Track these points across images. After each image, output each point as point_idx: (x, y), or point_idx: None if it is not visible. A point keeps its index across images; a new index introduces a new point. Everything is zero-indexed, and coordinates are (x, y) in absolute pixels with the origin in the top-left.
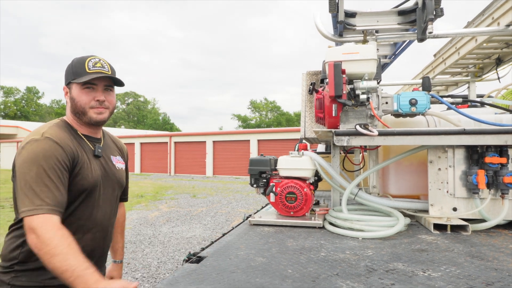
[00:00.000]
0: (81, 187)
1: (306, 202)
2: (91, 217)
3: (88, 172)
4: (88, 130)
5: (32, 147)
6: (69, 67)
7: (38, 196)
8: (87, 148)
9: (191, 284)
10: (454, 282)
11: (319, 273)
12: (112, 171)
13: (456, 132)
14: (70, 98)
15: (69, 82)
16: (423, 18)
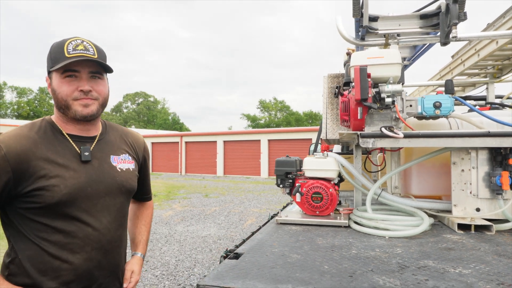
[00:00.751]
0: (52, 199)
1: (331, 202)
2: (80, 232)
3: (60, 182)
4: (75, 128)
5: None
6: (48, 53)
7: None
8: (70, 152)
9: (237, 279)
10: (485, 279)
11: (354, 269)
12: (110, 174)
13: (480, 134)
14: (51, 90)
15: (49, 71)
16: (446, 23)
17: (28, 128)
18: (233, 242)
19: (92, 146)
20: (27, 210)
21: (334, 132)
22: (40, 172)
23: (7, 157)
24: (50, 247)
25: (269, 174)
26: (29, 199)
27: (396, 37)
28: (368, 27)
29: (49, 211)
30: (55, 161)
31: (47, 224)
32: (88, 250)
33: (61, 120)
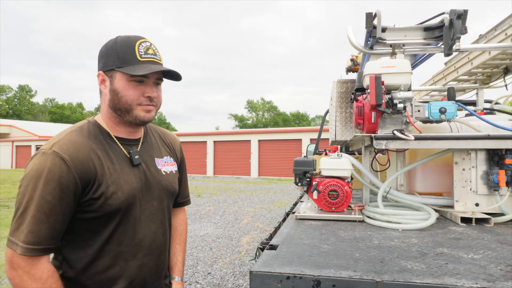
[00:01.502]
0: (109, 209)
1: (346, 199)
2: (133, 240)
3: (117, 189)
4: (125, 131)
5: (36, 162)
6: (110, 48)
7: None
8: (120, 156)
9: (283, 265)
10: (495, 262)
11: (382, 256)
12: (156, 178)
13: (481, 137)
14: (111, 90)
15: (111, 69)
16: (450, 36)
17: (79, 134)
18: (232, 241)
19: (138, 149)
20: (82, 221)
21: (343, 134)
22: (99, 180)
23: (72, 169)
24: (104, 257)
25: (259, 174)
26: (88, 208)
27: (402, 47)
28: (380, 38)
29: (105, 219)
30: (111, 167)
31: (101, 233)
32: (140, 257)
33: (112, 121)
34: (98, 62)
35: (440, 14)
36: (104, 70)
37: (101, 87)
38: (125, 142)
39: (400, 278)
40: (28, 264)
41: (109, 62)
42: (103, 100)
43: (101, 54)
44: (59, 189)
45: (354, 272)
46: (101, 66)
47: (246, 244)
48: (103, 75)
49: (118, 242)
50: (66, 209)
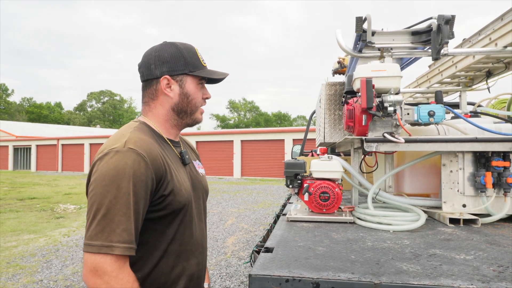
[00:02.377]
0: (177, 206)
1: (337, 201)
2: (192, 238)
3: (181, 187)
4: (175, 133)
5: (113, 160)
6: (176, 54)
7: (114, 229)
8: (174, 157)
9: (281, 268)
10: (487, 263)
11: (378, 258)
12: (198, 179)
13: (469, 140)
14: (181, 94)
15: (181, 73)
16: (438, 41)
17: (142, 133)
18: (217, 242)
19: (182, 150)
20: (150, 221)
21: (332, 136)
22: (168, 176)
23: (149, 166)
24: (168, 258)
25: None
26: (157, 206)
27: (390, 51)
28: (369, 42)
29: (170, 218)
30: (172, 165)
31: (166, 232)
32: (197, 254)
33: (169, 124)
34: (156, 67)
35: (427, 19)
36: (172, 75)
37: (166, 91)
38: (174, 144)
39: (398, 280)
40: (116, 268)
41: (178, 67)
42: (160, 104)
43: (162, 60)
44: (141, 186)
45: (352, 275)
46: (165, 71)
47: (231, 245)
48: (170, 79)
49: (180, 241)
50: (145, 207)
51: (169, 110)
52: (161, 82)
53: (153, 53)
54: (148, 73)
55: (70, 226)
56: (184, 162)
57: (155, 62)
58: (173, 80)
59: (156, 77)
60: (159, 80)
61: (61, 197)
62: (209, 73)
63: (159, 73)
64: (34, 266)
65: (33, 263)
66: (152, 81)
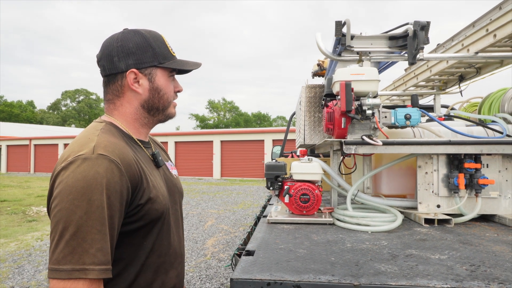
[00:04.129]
0: (155, 214)
1: (317, 202)
2: (170, 248)
3: (158, 193)
4: (144, 133)
5: (80, 170)
6: (142, 44)
7: (86, 250)
8: (147, 159)
9: (263, 272)
10: (460, 262)
11: (357, 259)
12: (173, 181)
13: (443, 143)
14: (152, 89)
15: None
16: (414, 46)
17: (111, 135)
18: (197, 244)
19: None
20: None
21: (311, 138)
22: (144, 183)
23: (124, 173)
24: (146, 272)
25: (221, 175)
26: (133, 217)
27: (368, 55)
28: (349, 46)
29: (148, 229)
30: (147, 170)
31: (143, 245)
32: (176, 265)
33: (138, 123)
34: (120, 59)
35: (404, 24)
36: (139, 68)
37: (133, 87)
38: (144, 144)
39: (376, 281)
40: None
41: (146, 58)
42: (127, 101)
43: (127, 51)
44: (115, 197)
45: (333, 277)
46: (131, 63)
47: (211, 246)
48: (137, 73)
49: (159, 253)
50: (119, 221)
51: (138, 108)
52: (127, 77)
53: (115, 43)
54: (111, 67)
55: (43, 230)
56: (157, 165)
57: (119, 53)
58: (141, 74)
59: (121, 71)
60: (124, 74)
61: (33, 199)
62: (181, 64)
63: (124, 66)
64: (4, 272)
65: (4, 268)
66: (116, 75)
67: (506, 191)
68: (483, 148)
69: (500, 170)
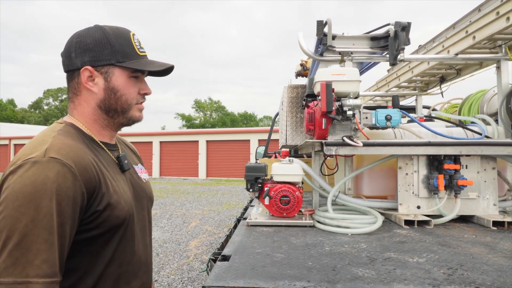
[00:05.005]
0: (115, 222)
1: (297, 204)
2: (134, 257)
3: (120, 199)
4: (109, 135)
5: (29, 174)
6: (101, 40)
7: (30, 261)
8: (110, 163)
9: (237, 278)
10: (438, 265)
11: (334, 264)
12: (141, 186)
13: (423, 144)
14: (107, 88)
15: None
16: (395, 47)
17: (68, 137)
18: (180, 245)
19: (120, 153)
20: (81, 243)
21: (293, 138)
22: (103, 187)
23: (78, 177)
24: (105, 283)
25: (207, 175)
26: (90, 224)
27: (350, 55)
28: (330, 46)
29: (107, 237)
30: (108, 174)
31: (101, 254)
32: (141, 275)
33: (98, 124)
34: (77, 56)
35: (385, 25)
36: (95, 65)
37: (87, 85)
38: (109, 147)
39: (352, 287)
40: None
41: (103, 56)
42: (84, 100)
43: (84, 47)
44: (67, 204)
45: (308, 283)
46: (87, 60)
47: (194, 248)
48: (92, 70)
49: (120, 262)
50: (73, 228)
51: (95, 108)
52: (82, 74)
53: (75, 38)
54: (69, 63)
55: None
56: (122, 168)
57: (76, 49)
58: (97, 72)
59: (77, 67)
60: (80, 71)
61: None
62: (142, 64)
63: (79, 63)
64: None
65: None
66: (73, 72)
67: (485, 192)
68: (462, 149)
69: (479, 171)
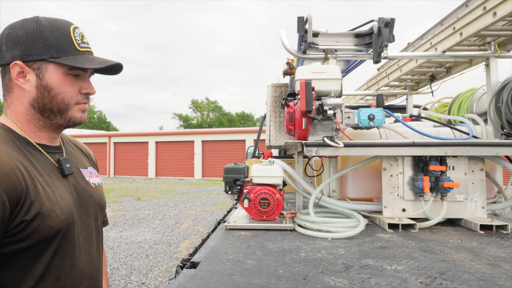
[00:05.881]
0: (48, 232)
1: (277, 207)
2: (73, 270)
3: (55, 207)
4: (48, 136)
5: None
6: (34, 32)
7: None
8: (47, 166)
9: (201, 287)
10: (416, 274)
11: (306, 272)
12: (88, 192)
13: (406, 144)
14: (39, 86)
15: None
16: (378, 44)
17: None
18: (170, 247)
19: (63, 155)
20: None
21: (277, 139)
22: (32, 195)
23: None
24: None
25: (202, 175)
26: (17, 236)
27: (334, 52)
28: (311, 43)
29: (39, 249)
30: (40, 179)
31: (33, 268)
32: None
33: (33, 125)
34: (8, 49)
35: (369, 21)
36: (26, 60)
37: (18, 82)
38: (48, 149)
39: None
40: None
41: (35, 50)
42: (16, 98)
43: (15, 39)
44: None
45: None
46: (17, 54)
47: (185, 249)
48: (23, 66)
49: (56, 276)
50: None
51: (28, 107)
52: (12, 70)
53: (7, 30)
54: (0, 57)
55: None
56: (63, 173)
57: (7, 42)
58: (28, 68)
59: (7, 62)
60: (9, 66)
61: None
62: (79, 60)
63: (10, 57)
64: None
65: None
66: (5, 67)
67: (473, 194)
68: (448, 150)
69: (466, 173)
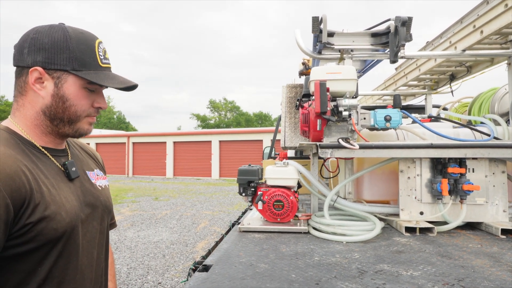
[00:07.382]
0: (53, 235)
1: (292, 209)
2: (76, 272)
3: (60, 209)
4: (53, 141)
5: None
6: (60, 42)
7: None
8: (52, 170)
9: None
10: (433, 280)
11: (319, 277)
12: (94, 194)
13: (424, 146)
14: (55, 95)
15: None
16: (395, 43)
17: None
18: (187, 247)
19: (69, 159)
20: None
21: (292, 140)
22: (36, 198)
23: (0, 187)
24: None
25: (220, 175)
26: (21, 238)
27: (350, 52)
28: (326, 43)
29: (43, 252)
30: (46, 182)
31: (36, 272)
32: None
33: (39, 130)
34: (30, 53)
35: (386, 20)
36: (47, 68)
37: (34, 87)
38: (54, 153)
39: None
40: None
41: (59, 59)
42: (29, 102)
43: (39, 45)
44: None
45: None
46: (39, 60)
47: (201, 250)
48: (43, 73)
49: (59, 280)
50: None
51: (39, 113)
52: (30, 74)
53: (32, 33)
54: (19, 58)
55: None
56: (69, 176)
57: (30, 46)
58: (48, 75)
59: (27, 65)
60: (29, 70)
61: None
62: (101, 77)
63: (30, 61)
64: None
65: None
66: (22, 69)
67: (494, 197)
68: (467, 151)
69: (487, 175)
